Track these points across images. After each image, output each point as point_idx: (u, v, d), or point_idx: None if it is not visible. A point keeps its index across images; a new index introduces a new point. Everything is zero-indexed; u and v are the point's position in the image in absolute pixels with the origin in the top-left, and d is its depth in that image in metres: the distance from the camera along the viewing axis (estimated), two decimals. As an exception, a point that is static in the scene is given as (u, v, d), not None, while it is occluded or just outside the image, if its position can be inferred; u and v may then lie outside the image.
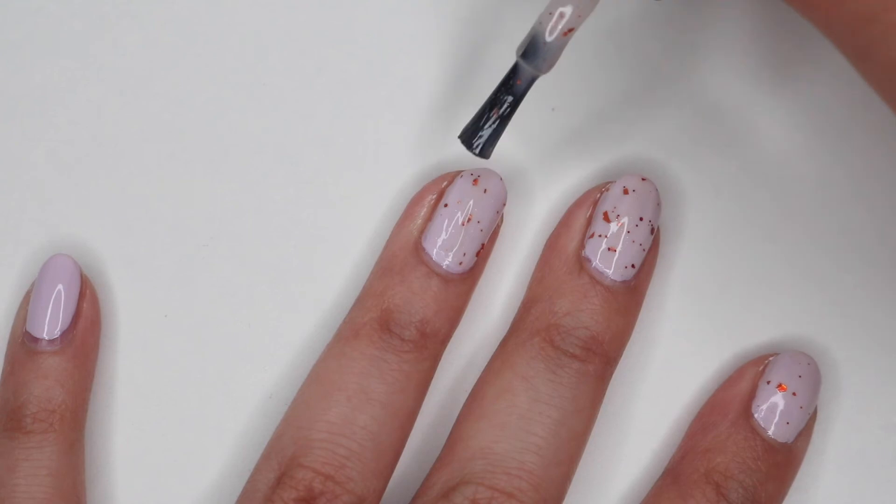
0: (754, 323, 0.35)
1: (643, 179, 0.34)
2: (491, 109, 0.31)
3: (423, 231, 0.34)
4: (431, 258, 0.33)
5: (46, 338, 0.34)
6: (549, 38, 0.29)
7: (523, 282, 0.35)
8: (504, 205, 0.34)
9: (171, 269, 0.36)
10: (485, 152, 0.31)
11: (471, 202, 0.34)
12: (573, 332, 0.33)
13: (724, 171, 0.35)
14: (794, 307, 0.35)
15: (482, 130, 0.31)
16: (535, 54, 0.30)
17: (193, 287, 0.36)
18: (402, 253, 0.34)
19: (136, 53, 0.36)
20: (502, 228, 0.35)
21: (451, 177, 0.34)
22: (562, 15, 0.29)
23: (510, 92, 0.31)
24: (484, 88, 0.35)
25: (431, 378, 0.34)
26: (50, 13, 0.36)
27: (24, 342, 0.35)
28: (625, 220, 0.33)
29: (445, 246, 0.33)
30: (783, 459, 0.33)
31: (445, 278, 0.33)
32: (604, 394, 0.34)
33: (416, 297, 0.33)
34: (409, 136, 0.36)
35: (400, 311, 0.33)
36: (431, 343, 0.33)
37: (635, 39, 0.36)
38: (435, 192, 0.34)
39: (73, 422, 0.34)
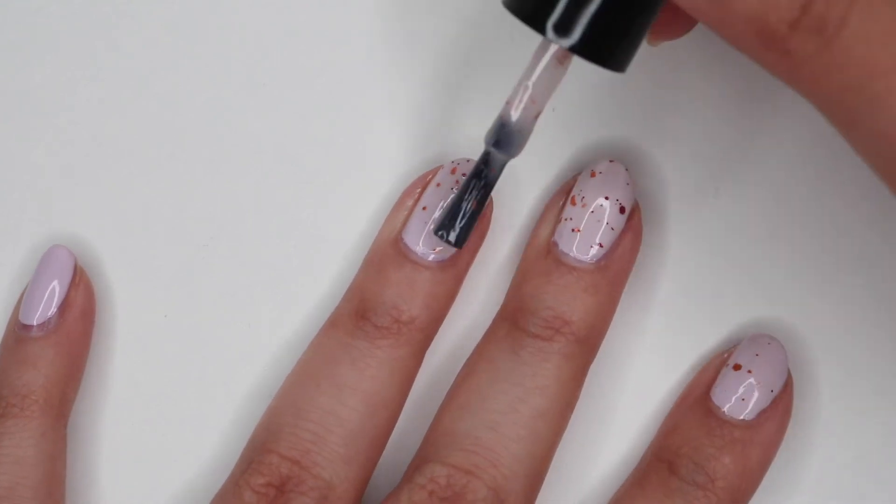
0: (751, 323, 0.35)
1: (611, 161, 0.34)
2: (465, 200, 0.31)
3: (405, 224, 0.34)
4: (409, 248, 0.34)
5: (35, 324, 0.34)
6: (517, 122, 0.29)
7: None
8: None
9: (171, 269, 0.36)
10: (460, 243, 0.32)
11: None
12: (537, 313, 0.33)
13: (723, 170, 0.35)
14: (791, 307, 0.35)
15: (458, 222, 0.31)
16: (508, 142, 0.29)
17: (193, 287, 0.36)
18: (384, 246, 0.34)
19: (136, 53, 0.36)
20: (500, 227, 0.35)
21: (436, 170, 0.34)
22: (532, 100, 0.29)
23: (485, 181, 0.31)
24: (483, 89, 0.35)
25: (414, 367, 0.34)
26: (50, 13, 0.36)
27: (14, 330, 0.35)
28: (589, 201, 0.34)
29: (423, 235, 0.34)
30: (742, 436, 0.33)
31: (425, 267, 0.33)
32: (577, 372, 0.33)
33: (392, 285, 0.33)
34: (409, 136, 0.36)
35: (375, 299, 0.33)
36: (408, 330, 0.33)
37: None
38: (421, 186, 0.34)
39: (49, 408, 0.34)
